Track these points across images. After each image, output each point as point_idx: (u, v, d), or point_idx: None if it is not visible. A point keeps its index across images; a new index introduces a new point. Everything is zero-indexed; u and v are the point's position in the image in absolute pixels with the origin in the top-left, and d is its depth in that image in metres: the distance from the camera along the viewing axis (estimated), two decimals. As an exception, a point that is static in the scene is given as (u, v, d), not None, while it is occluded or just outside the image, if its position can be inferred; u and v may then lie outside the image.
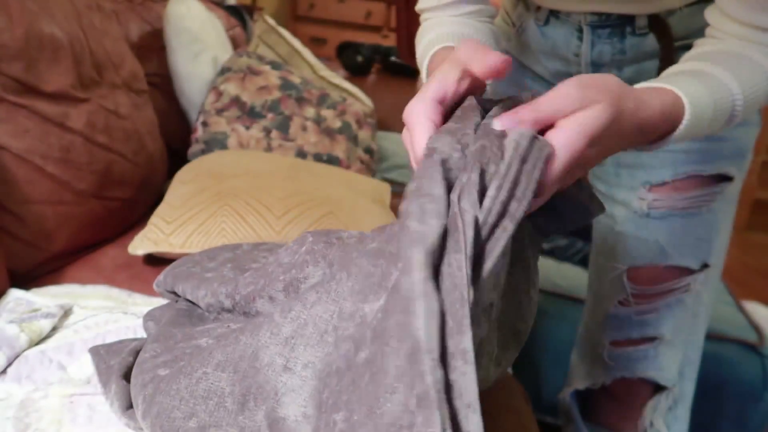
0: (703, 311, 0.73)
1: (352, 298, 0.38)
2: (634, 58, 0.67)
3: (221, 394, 0.44)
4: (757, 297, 2.12)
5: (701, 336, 0.75)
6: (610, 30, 0.66)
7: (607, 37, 0.66)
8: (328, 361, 0.40)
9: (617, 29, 0.66)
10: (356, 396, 0.32)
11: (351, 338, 0.36)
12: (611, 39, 0.66)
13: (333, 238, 0.49)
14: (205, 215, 0.93)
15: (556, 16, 0.69)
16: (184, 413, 0.44)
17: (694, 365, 0.75)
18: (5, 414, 0.54)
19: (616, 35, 0.66)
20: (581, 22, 0.67)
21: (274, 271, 0.50)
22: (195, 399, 0.44)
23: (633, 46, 0.66)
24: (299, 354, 0.41)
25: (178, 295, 0.63)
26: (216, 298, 0.54)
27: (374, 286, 0.37)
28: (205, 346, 0.49)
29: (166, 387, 0.46)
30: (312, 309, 0.42)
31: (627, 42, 0.66)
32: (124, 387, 0.52)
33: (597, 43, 0.67)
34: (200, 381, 0.45)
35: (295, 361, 0.41)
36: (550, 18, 0.69)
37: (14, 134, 0.84)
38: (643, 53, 0.66)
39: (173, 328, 0.55)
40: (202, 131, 1.32)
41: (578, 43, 0.68)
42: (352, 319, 0.37)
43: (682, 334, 0.72)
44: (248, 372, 0.43)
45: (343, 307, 0.39)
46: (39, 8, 0.90)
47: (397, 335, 0.30)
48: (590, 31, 0.67)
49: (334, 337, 0.40)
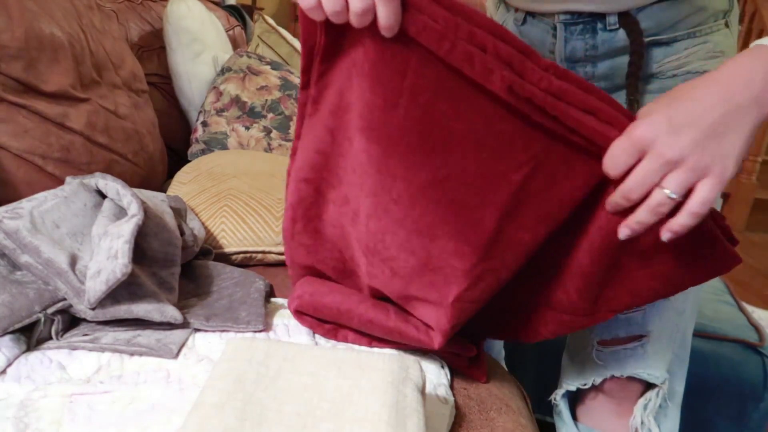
0: (689, 308, 0.74)
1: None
2: (606, 53, 0.70)
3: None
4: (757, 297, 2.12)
5: (689, 333, 0.76)
6: (582, 27, 0.69)
7: (579, 34, 0.70)
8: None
9: (589, 26, 0.69)
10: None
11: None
12: (583, 35, 0.70)
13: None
14: (205, 216, 0.93)
15: (533, 15, 0.73)
16: None
17: (683, 363, 0.75)
18: (5, 414, 0.54)
19: (588, 32, 0.69)
20: (555, 21, 0.71)
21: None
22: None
23: (604, 42, 0.69)
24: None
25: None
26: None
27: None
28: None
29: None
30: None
31: (598, 38, 0.69)
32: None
33: (570, 39, 0.71)
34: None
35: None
36: (527, 18, 0.74)
37: (14, 134, 0.84)
38: (614, 49, 0.69)
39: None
40: (202, 131, 1.32)
41: (553, 40, 0.72)
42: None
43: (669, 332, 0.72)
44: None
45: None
46: (39, 8, 0.90)
47: None
48: (563, 28, 0.70)
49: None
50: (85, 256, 0.69)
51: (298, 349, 0.54)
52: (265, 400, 0.47)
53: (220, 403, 0.46)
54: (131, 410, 0.55)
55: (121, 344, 0.64)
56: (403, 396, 0.49)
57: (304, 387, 0.49)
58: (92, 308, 0.64)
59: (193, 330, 0.69)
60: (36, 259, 0.65)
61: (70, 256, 0.67)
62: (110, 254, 0.64)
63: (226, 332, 0.69)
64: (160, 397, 0.58)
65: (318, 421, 0.46)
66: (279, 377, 0.50)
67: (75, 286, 0.65)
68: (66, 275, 0.65)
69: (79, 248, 0.70)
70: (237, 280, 0.80)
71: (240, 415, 0.45)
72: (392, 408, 0.47)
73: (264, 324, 0.70)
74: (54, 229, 0.70)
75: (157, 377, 0.60)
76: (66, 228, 0.71)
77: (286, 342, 0.55)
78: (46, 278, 0.65)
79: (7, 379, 0.59)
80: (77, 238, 0.72)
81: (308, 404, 0.47)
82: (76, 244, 0.71)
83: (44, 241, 0.66)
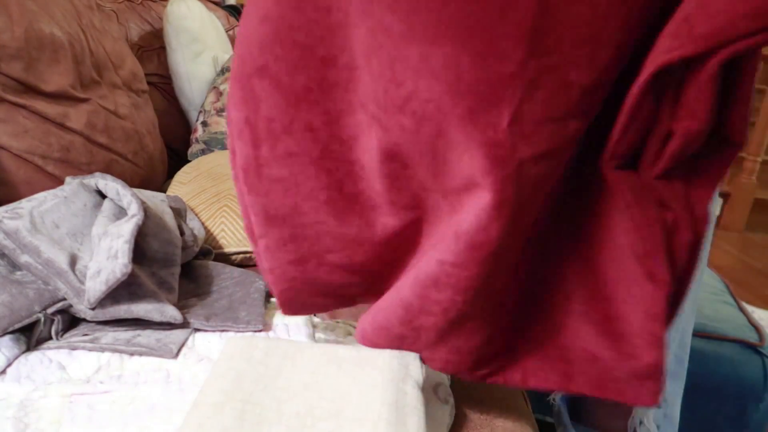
0: (688, 308, 0.73)
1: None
2: None
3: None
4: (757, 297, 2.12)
5: (688, 333, 0.75)
6: None
7: None
8: None
9: None
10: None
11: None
12: None
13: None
14: (205, 216, 0.93)
15: None
16: None
17: (682, 363, 0.75)
18: (5, 414, 0.54)
19: None
20: None
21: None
22: None
23: None
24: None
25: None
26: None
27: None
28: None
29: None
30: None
31: None
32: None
33: None
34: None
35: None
36: None
37: (14, 134, 0.85)
38: None
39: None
40: (202, 131, 1.32)
41: None
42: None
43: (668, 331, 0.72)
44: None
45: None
46: (39, 8, 0.90)
47: None
48: None
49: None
50: (85, 256, 0.69)
51: (298, 348, 0.54)
52: (264, 399, 0.47)
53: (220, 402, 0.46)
54: (131, 410, 0.55)
55: (121, 344, 0.64)
56: (403, 394, 0.49)
57: (304, 385, 0.49)
58: (92, 308, 0.64)
59: (193, 330, 0.69)
60: (36, 259, 0.65)
61: (70, 256, 0.67)
62: (110, 254, 0.64)
63: (225, 332, 0.69)
64: (160, 397, 0.58)
65: (317, 420, 0.46)
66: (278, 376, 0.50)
67: (75, 286, 0.65)
68: (66, 275, 0.65)
69: (79, 248, 0.70)
70: (237, 280, 0.80)
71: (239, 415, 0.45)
72: (392, 406, 0.47)
73: (264, 324, 0.70)
74: (54, 229, 0.70)
75: (157, 377, 0.60)
76: (66, 228, 0.71)
77: (285, 340, 0.55)
78: (46, 278, 0.65)
79: (7, 379, 0.59)
80: (77, 238, 0.72)
81: (308, 403, 0.47)
82: (76, 244, 0.71)
83: (44, 241, 0.66)
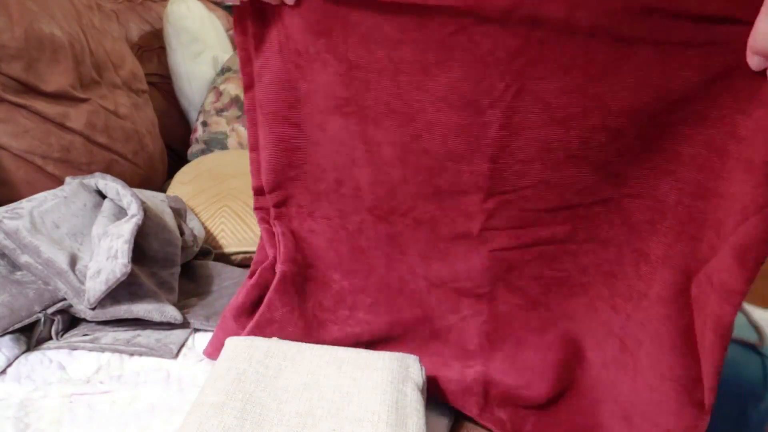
0: None
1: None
2: None
3: None
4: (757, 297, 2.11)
5: None
6: None
7: None
8: None
9: None
10: None
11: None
12: None
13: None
14: (205, 216, 0.93)
15: None
16: None
17: None
18: (5, 414, 0.54)
19: None
20: None
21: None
22: None
23: None
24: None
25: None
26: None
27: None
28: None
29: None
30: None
31: None
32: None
33: None
34: None
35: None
36: None
37: (14, 134, 0.84)
38: None
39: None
40: (202, 131, 1.32)
41: None
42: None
43: None
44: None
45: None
46: (39, 8, 0.90)
47: None
48: None
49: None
50: (85, 256, 0.69)
51: (298, 349, 0.54)
52: (264, 399, 0.47)
53: (220, 402, 0.46)
54: (131, 410, 0.55)
55: (121, 344, 0.64)
56: (403, 395, 0.49)
57: (304, 386, 0.49)
58: (92, 308, 0.64)
59: (193, 330, 0.69)
60: (36, 259, 0.65)
61: (70, 256, 0.67)
62: (110, 254, 0.64)
63: (226, 332, 0.69)
64: (160, 397, 0.58)
65: (318, 421, 0.46)
66: (279, 376, 0.50)
67: (75, 286, 0.65)
68: (66, 275, 0.65)
69: (79, 248, 0.70)
70: (237, 280, 0.80)
71: (240, 415, 0.45)
72: (392, 407, 0.47)
73: (264, 324, 0.70)
74: (54, 229, 0.70)
75: (157, 377, 0.60)
76: (66, 228, 0.71)
77: (285, 341, 0.55)
78: (46, 278, 0.65)
79: (7, 379, 0.59)
80: (77, 238, 0.72)
81: (308, 403, 0.47)
82: (76, 244, 0.71)
83: (44, 241, 0.66)
